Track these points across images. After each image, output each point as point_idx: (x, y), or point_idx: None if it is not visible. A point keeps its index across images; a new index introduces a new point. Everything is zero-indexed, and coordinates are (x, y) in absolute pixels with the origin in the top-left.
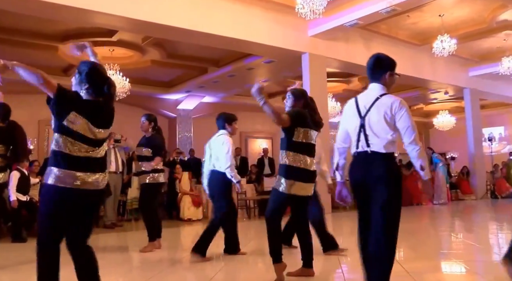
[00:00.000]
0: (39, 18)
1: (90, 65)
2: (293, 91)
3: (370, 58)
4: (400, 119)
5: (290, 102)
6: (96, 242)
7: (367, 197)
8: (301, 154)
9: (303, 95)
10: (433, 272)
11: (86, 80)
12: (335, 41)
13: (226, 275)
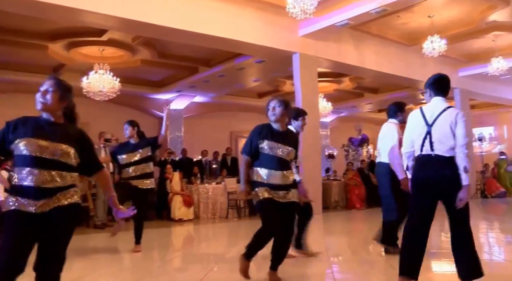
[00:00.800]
0: (28, 16)
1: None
2: (281, 100)
3: (436, 76)
4: (458, 126)
5: (280, 111)
6: (86, 243)
7: (432, 193)
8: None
9: (289, 105)
10: (423, 271)
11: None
12: (326, 41)
13: (216, 276)
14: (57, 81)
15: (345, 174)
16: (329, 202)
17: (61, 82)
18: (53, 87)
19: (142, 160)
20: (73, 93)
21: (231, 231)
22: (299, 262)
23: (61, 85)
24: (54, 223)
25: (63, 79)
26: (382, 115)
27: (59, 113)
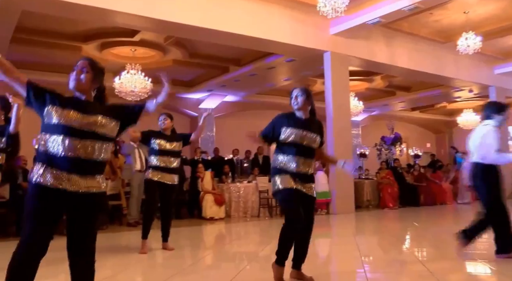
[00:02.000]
0: (62, 18)
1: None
2: (303, 89)
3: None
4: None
5: (303, 99)
6: (119, 241)
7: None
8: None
9: (311, 94)
10: (457, 272)
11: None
12: (357, 39)
13: (248, 274)
14: (91, 61)
15: (378, 173)
16: (361, 201)
17: (95, 63)
18: (87, 67)
19: (174, 153)
20: (104, 75)
21: (262, 230)
22: (330, 260)
23: (95, 66)
24: (86, 205)
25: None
26: (415, 114)
27: (91, 93)
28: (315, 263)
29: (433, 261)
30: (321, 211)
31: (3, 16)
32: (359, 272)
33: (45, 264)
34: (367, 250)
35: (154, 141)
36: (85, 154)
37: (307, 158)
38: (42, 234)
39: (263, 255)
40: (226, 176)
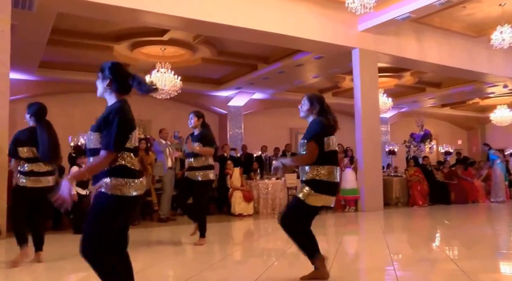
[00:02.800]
0: (94, 19)
1: (112, 61)
2: (309, 96)
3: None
4: None
5: (306, 107)
6: (150, 235)
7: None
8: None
9: (319, 100)
10: (490, 272)
11: (109, 75)
12: (386, 35)
13: (276, 271)
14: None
15: (407, 170)
16: (390, 198)
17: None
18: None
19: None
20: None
21: None
22: (359, 257)
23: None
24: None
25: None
26: (445, 110)
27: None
28: (344, 260)
29: (465, 260)
30: (349, 208)
31: (40, 19)
32: (389, 269)
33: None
34: (396, 247)
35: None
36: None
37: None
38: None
39: (291, 251)
40: (254, 173)
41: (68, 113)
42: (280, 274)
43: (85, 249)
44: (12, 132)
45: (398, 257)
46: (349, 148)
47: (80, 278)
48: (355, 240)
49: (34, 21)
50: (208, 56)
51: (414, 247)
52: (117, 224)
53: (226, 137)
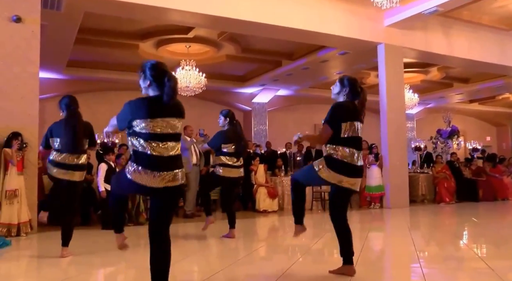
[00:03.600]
0: (120, 18)
1: (151, 62)
2: (341, 78)
3: None
4: None
5: (336, 89)
6: (176, 231)
7: None
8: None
9: (350, 82)
10: None
11: (148, 76)
12: (413, 30)
13: (301, 267)
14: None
15: (433, 167)
16: (416, 195)
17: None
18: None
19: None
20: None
21: (315, 223)
22: (385, 254)
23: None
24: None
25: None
26: (473, 106)
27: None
28: (370, 256)
29: (494, 259)
30: (374, 205)
31: (68, 19)
32: (415, 267)
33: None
34: (422, 244)
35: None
36: None
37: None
38: None
39: (316, 248)
40: (279, 170)
41: (95, 111)
42: (305, 270)
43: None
44: (42, 130)
45: (424, 255)
46: (374, 145)
47: (109, 272)
48: (380, 236)
49: (62, 21)
50: (233, 53)
51: (440, 244)
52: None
53: (251, 134)
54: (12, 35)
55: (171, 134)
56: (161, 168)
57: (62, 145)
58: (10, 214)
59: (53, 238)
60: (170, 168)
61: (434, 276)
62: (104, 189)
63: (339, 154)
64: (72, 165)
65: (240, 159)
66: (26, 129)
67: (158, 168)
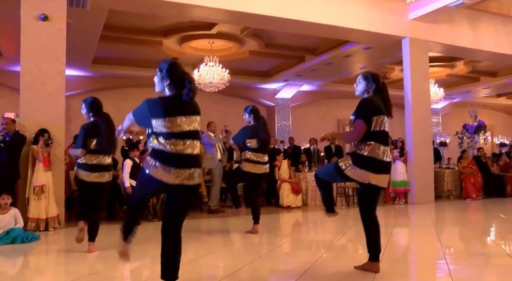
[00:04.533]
0: (144, 15)
1: (169, 62)
2: (365, 75)
3: None
4: None
5: (362, 86)
6: (200, 226)
7: None
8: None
9: (374, 79)
10: None
11: (167, 76)
12: (438, 24)
13: (325, 262)
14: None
15: (459, 162)
16: (442, 191)
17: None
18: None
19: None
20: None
21: (339, 219)
22: (410, 250)
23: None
24: None
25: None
26: (501, 100)
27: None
28: (394, 252)
29: None
30: (399, 201)
31: (93, 17)
32: (440, 263)
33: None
34: (448, 241)
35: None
36: None
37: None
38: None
39: (340, 244)
40: (303, 165)
41: (119, 107)
42: (329, 266)
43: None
44: (68, 126)
45: (450, 251)
46: (399, 140)
47: (134, 267)
48: (405, 232)
49: (87, 18)
50: (256, 48)
51: (467, 240)
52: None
53: (274, 130)
54: (39, 33)
55: (191, 131)
56: (178, 165)
57: (98, 145)
58: (38, 209)
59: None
60: (188, 165)
61: (460, 273)
62: (129, 185)
63: (367, 150)
64: (105, 165)
65: (265, 155)
66: (53, 126)
67: (176, 164)
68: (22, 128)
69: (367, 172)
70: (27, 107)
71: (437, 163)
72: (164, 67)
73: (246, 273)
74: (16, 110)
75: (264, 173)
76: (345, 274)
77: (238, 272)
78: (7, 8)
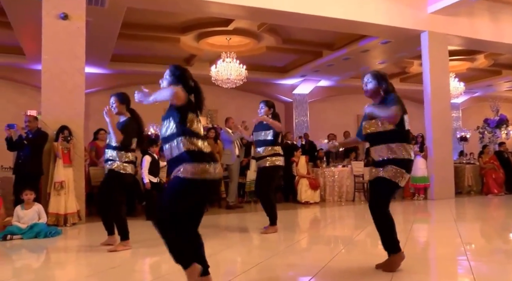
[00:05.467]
0: (161, 12)
1: (182, 68)
2: (374, 74)
3: None
4: None
5: (372, 85)
6: (219, 222)
7: None
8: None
9: (385, 78)
10: None
11: (179, 81)
12: (458, 17)
13: (344, 258)
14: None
15: (480, 157)
16: (462, 186)
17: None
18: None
19: (263, 141)
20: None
21: (357, 215)
22: (430, 246)
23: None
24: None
25: (194, 69)
26: None
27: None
28: (414, 248)
29: None
30: (418, 196)
31: (111, 15)
32: (461, 259)
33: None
34: (469, 237)
35: (254, 133)
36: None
37: (373, 145)
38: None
39: (359, 239)
40: (320, 161)
41: (137, 104)
42: (347, 262)
43: (160, 222)
44: (87, 123)
45: (471, 247)
46: (419, 135)
47: (153, 261)
48: (425, 228)
49: (106, 16)
50: (273, 44)
51: (488, 237)
52: (188, 204)
53: (292, 125)
54: (59, 31)
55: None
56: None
57: (135, 142)
58: (58, 205)
59: (100, 228)
60: (213, 161)
61: (481, 270)
62: (148, 180)
63: (405, 152)
64: (132, 160)
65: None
66: (73, 122)
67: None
68: (43, 125)
69: (406, 174)
70: (48, 104)
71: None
72: (177, 72)
73: (263, 269)
74: (38, 108)
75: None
76: (364, 270)
77: (256, 268)
78: (30, 8)
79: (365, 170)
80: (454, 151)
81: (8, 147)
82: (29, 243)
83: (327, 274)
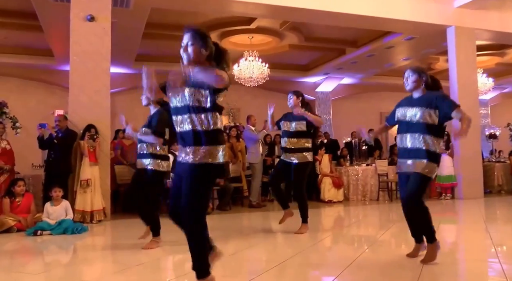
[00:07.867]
0: (184, 11)
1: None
2: (414, 68)
3: None
4: None
5: (413, 78)
6: (242, 220)
7: None
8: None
9: (425, 72)
10: None
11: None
12: (486, 10)
13: (368, 257)
14: (193, 32)
15: (511, 156)
16: (492, 185)
17: (197, 32)
18: (191, 40)
19: (296, 133)
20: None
21: (381, 214)
22: (458, 248)
23: (198, 35)
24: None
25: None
26: None
27: (204, 62)
28: (442, 249)
29: None
30: (445, 196)
31: (136, 15)
32: (492, 261)
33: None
34: (500, 238)
35: (280, 123)
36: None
37: (410, 132)
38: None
39: (383, 239)
40: (344, 159)
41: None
42: (372, 261)
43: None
44: (113, 121)
45: (503, 249)
46: (445, 132)
47: (177, 259)
48: (453, 228)
49: (130, 17)
50: (295, 42)
51: None
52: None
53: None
54: (86, 33)
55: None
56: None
57: (169, 135)
58: (84, 202)
59: (125, 225)
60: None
61: None
62: (171, 179)
63: (438, 146)
64: (165, 155)
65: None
66: (100, 121)
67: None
68: (71, 124)
69: (438, 167)
70: (75, 104)
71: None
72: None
73: (287, 268)
74: (67, 108)
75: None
76: (389, 269)
77: (279, 267)
78: (59, 12)
79: (389, 168)
80: (483, 149)
81: (40, 145)
82: (58, 238)
83: (351, 273)
